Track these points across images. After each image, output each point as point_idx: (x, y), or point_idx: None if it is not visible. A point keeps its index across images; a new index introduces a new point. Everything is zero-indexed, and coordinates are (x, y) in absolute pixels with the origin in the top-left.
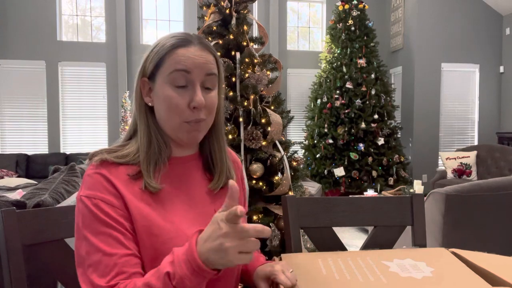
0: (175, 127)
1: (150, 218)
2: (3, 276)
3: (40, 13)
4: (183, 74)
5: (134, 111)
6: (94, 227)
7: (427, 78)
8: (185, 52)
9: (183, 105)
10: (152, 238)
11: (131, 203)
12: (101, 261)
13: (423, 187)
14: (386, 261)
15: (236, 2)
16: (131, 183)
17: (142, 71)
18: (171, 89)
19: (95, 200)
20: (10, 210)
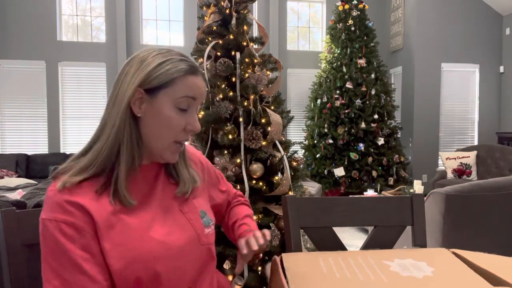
0: (164, 145)
1: (118, 227)
2: (3, 276)
3: (40, 13)
4: (189, 100)
5: (112, 117)
6: (54, 251)
7: (427, 78)
8: (195, 81)
9: (180, 127)
10: (120, 247)
11: (99, 217)
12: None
13: (423, 187)
14: (387, 261)
15: (236, 2)
16: (98, 196)
17: (140, 81)
18: (173, 111)
19: (55, 223)
20: (10, 210)
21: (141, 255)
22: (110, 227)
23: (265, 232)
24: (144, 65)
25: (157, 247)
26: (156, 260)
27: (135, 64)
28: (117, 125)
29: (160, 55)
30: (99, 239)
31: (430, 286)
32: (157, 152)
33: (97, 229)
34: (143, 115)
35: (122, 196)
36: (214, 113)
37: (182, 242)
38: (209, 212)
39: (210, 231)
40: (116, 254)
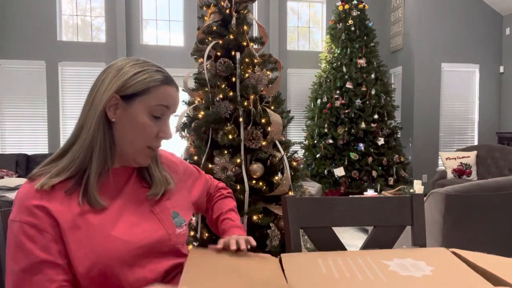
0: (137, 149)
1: (83, 228)
2: (3, 276)
3: (40, 13)
4: (163, 109)
5: (88, 121)
6: (15, 254)
7: (427, 78)
8: (170, 91)
9: (153, 133)
10: (85, 248)
11: (66, 219)
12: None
13: (423, 187)
14: (386, 261)
15: (236, 2)
16: (67, 198)
17: (118, 88)
18: (147, 118)
19: (20, 224)
20: (10, 210)
21: (105, 255)
22: (75, 228)
23: (250, 239)
24: (122, 73)
25: (116, 245)
26: (120, 259)
27: (112, 71)
28: (93, 128)
29: (137, 65)
30: (64, 241)
31: (429, 285)
32: (130, 155)
33: (61, 231)
34: (117, 120)
35: (92, 197)
36: (214, 113)
37: (151, 241)
38: (184, 213)
39: (182, 231)
40: (81, 254)
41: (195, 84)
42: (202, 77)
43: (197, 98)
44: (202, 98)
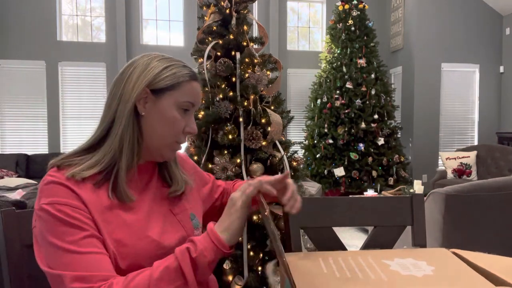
0: (166, 143)
1: (113, 224)
2: (3, 276)
3: (40, 13)
4: (189, 105)
5: (117, 115)
6: (61, 231)
7: (427, 78)
8: (197, 87)
9: (181, 128)
10: (116, 243)
11: (96, 210)
12: (73, 262)
13: (423, 187)
14: (387, 260)
15: (236, 2)
16: (96, 190)
17: (148, 82)
18: (177, 112)
19: (58, 206)
20: (10, 210)
21: (135, 252)
22: (106, 222)
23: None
24: (151, 67)
25: (151, 246)
26: (147, 258)
27: (139, 66)
28: (124, 122)
29: (164, 60)
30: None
31: (430, 284)
32: (157, 150)
33: (94, 220)
34: (146, 114)
35: (122, 191)
36: (214, 113)
37: (173, 243)
38: (199, 215)
39: (198, 233)
40: (110, 247)
41: None
42: (202, 77)
43: None
44: (202, 98)
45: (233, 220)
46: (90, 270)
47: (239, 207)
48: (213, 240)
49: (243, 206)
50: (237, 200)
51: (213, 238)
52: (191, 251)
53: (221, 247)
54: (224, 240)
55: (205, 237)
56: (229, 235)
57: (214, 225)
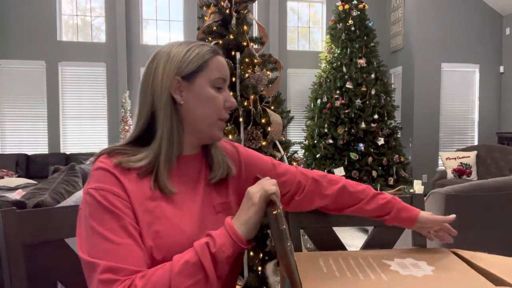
0: (210, 123)
1: (153, 214)
2: (3, 276)
3: (40, 13)
4: (221, 81)
5: (156, 110)
6: (103, 217)
7: (427, 78)
8: (222, 61)
9: (221, 104)
10: (154, 234)
11: (137, 199)
12: (109, 250)
13: (423, 187)
14: (387, 260)
15: (236, 2)
16: (139, 180)
17: (176, 70)
18: (213, 90)
19: (103, 192)
20: (10, 210)
21: (170, 245)
22: (146, 212)
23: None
24: (172, 55)
25: (185, 241)
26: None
27: (161, 58)
28: (163, 116)
29: (183, 45)
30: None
31: (430, 284)
32: (203, 133)
33: (134, 210)
34: (184, 102)
35: (162, 184)
36: None
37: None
38: None
39: None
40: (148, 237)
41: None
42: None
43: None
44: None
45: (251, 215)
46: (121, 262)
47: (256, 201)
48: (231, 235)
49: (261, 201)
50: (254, 194)
51: (231, 233)
52: (210, 246)
53: (239, 242)
54: (242, 235)
55: (223, 232)
56: (247, 230)
57: (232, 219)
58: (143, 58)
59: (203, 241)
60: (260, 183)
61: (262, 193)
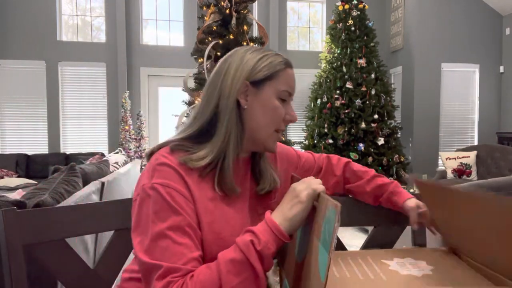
0: (268, 133)
1: (214, 215)
2: (4, 276)
3: (40, 13)
4: (287, 94)
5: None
6: (166, 214)
7: (427, 78)
8: (292, 74)
9: (282, 116)
10: (213, 235)
11: (199, 199)
12: (168, 248)
13: None
14: (386, 260)
15: (236, 2)
16: (201, 180)
17: (247, 74)
18: (277, 101)
19: (168, 189)
20: (10, 210)
21: (226, 247)
22: (208, 213)
23: None
24: (246, 60)
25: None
26: None
27: (235, 60)
28: (228, 117)
29: (257, 51)
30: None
31: (429, 284)
32: (259, 141)
33: (196, 213)
34: (248, 107)
35: (229, 185)
36: None
37: None
38: None
39: None
40: (208, 238)
41: (195, 84)
42: (202, 77)
43: (197, 98)
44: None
45: (297, 213)
46: (178, 262)
47: (304, 200)
48: (274, 231)
49: (309, 199)
50: (301, 192)
51: (275, 229)
52: (255, 244)
53: (282, 237)
54: (285, 230)
55: (266, 229)
56: (290, 226)
57: (271, 213)
58: (143, 58)
59: (247, 238)
60: (305, 181)
61: (310, 191)
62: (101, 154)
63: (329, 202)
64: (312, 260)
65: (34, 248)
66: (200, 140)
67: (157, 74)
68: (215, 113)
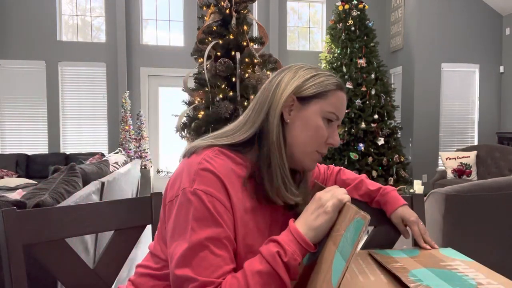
0: (307, 152)
1: (248, 227)
2: (4, 276)
3: (40, 13)
4: (334, 117)
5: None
6: (207, 223)
7: (427, 78)
8: (342, 97)
9: (324, 137)
10: (246, 248)
11: (237, 210)
12: (205, 259)
13: (423, 187)
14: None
15: (236, 2)
16: (242, 191)
17: (295, 89)
18: (322, 121)
19: (211, 198)
20: (10, 210)
21: None
22: (244, 225)
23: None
24: (298, 75)
25: None
26: None
27: (288, 74)
28: (272, 130)
29: (312, 69)
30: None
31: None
32: (298, 158)
33: (234, 224)
34: (291, 122)
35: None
36: (214, 113)
37: None
38: None
39: None
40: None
41: (195, 84)
42: (202, 77)
43: (197, 98)
44: (202, 98)
45: (321, 223)
46: (212, 275)
47: (329, 210)
48: (300, 242)
49: (334, 209)
50: (327, 201)
51: (300, 240)
52: (282, 255)
53: (308, 247)
54: (310, 240)
55: (291, 239)
56: (315, 236)
57: (295, 222)
58: (143, 58)
59: (273, 250)
60: (330, 191)
61: (335, 202)
62: (101, 154)
63: (358, 213)
64: (325, 264)
65: (34, 248)
66: (244, 148)
67: (157, 74)
68: (263, 124)
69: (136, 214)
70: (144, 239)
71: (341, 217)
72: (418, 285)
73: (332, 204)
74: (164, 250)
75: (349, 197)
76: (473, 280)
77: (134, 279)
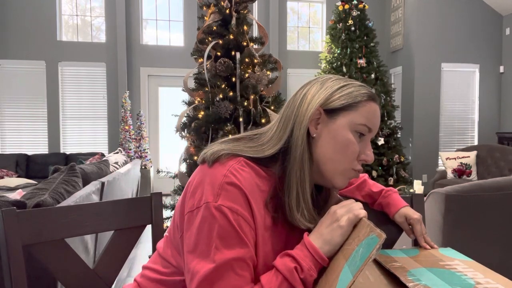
0: (339, 169)
1: (267, 246)
2: (4, 276)
3: (40, 13)
4: (366, 130)
5: (293, 135)
6: (232, 242)
7: (427, 78)
8: (375, 109)
9: (355, 153)
10: (265, 269)
11: (259, 228)
12: (229, 279)
13: (423, 187)
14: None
15: (236, 2)
16: (264, 207)
17: (323, 101)
18: (351, 135)
19: (237, 216)
20: (10, 210)
21: None
22: (264, 243)
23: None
24: (326, 86)
25: None
26: None
27: (315, 86)
28: (298, 144)
29: (341, 80)
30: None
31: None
32: (328, 176)
33: (256, 241)
34: (317, 136)
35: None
36: (214, 113)
37: None
38: None
39: None
40: (259, 269)
41: (195, 84)
42: (202, 77)
43: (197, 98)
44: (202, 98)
45: (335, 237)
46: None
47: (344, 224)
48: (316, 257)
49: (349, 224)
50: (343, 216)
51: (316, 255)
52: (299, 271)
53: (323, 262)
54: (325, 255)
55: (307, 254)
56: (329, 250)
57: (309, 236)
58: (143, 58)
59: (290, 265)
60: (346, 205)
61: (351, 216)
62: (101, 154)
63: (374, 230)
64: (330, 275)
65: (34, 248)
66: (269, 162)
67: (157, 74)
68: (289, 139)
69: (136, 214)
70: (144, 239)
71: (356, 231)
72: (417, 284)
73: (347, 219)
74: (175, 256)
75: (365, 213)
76: (471, 280)
77: (141, 281)
